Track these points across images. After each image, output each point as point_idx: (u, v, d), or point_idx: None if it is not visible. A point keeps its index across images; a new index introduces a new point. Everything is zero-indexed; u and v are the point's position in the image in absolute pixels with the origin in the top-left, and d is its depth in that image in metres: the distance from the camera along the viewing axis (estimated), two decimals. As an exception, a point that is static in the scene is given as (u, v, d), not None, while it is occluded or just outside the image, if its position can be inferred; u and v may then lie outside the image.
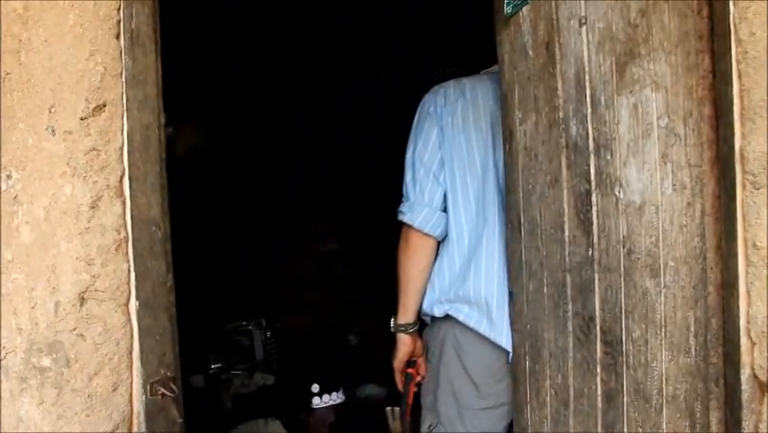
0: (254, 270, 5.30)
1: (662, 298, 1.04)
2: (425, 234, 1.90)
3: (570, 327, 1.38)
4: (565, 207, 1.36)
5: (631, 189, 1.10)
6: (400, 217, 1.93)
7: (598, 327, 1.25)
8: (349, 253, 5.22)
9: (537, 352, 1.56)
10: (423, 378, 2.04)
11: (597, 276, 1.24)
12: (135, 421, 1.16)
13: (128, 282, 1.16)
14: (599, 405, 1.27)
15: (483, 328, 1.83)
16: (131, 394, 1.16)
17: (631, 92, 1.07)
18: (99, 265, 1.15)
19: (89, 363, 1.15)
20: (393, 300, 1.99)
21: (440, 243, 1.94)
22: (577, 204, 1.30)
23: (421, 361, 2.03)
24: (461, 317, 1.85)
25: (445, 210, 1.91)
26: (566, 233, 1.36)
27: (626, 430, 1.17)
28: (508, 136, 1.65)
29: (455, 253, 1.91)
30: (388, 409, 2.12)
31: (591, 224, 1.25)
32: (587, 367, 1.31)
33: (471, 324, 1.84)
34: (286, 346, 4.22)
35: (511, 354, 1.78)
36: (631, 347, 1.13)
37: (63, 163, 1.16)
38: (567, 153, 1.33)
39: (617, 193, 1.14)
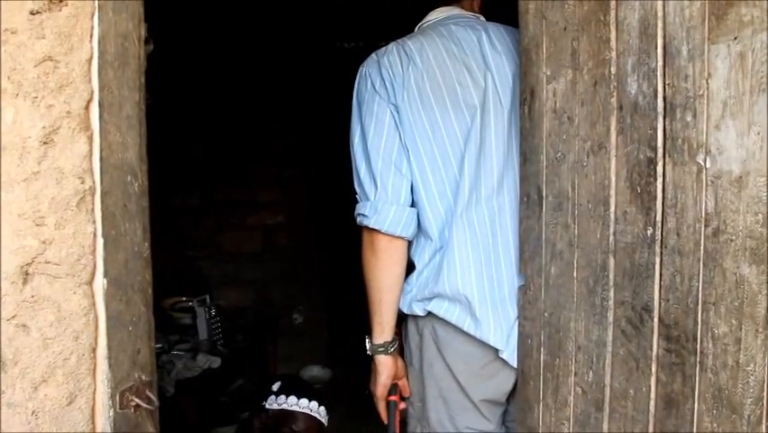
0: (194, 242, 4.99)
1: (769, 289, 0.85)
2: (396, 237, 1.62)
3: (610, 318, 1.19)
4: (612, 177, 1.16)
5: (725, 157, 0.90)
6: (362, 221, 1.64)
7: (656, 320, 1.07)
8: (294, 225, 4.97)
9: (558, 344, 1.37)
10: (406, 401, 1.78)
11: (658, 259, 1.05)
12: (98, 445, 0.86)
13: (93, 252, 0.86)
14: (652, 409, 1.09)
15: (467, 326, 1.59)
16: (93, 408, 0.86)
17: (735, 39, 0.87)
18: (52, 227, 0.85)
19: (34, 367, 0.85)
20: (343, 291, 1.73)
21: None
22: (632, 175, 1.11)
23: (403, 383, 1.76)
24: (440, 312, 1.60)
25: (413, 204, 1.64)
26: (612, 208, 1.17)
27: (695, 442, 0.99)
28: (529, 97, 1.45)
29: (426, 247, 1.66)
30: None
31: (654, 198, 1.05)
32: (635, 365, 1.13)
33: (453, 320, 1.59)
34: (230, 326, 3.95)
35: (500, 350, 1.58)
36: (710, 345, 0.94)
37: (2, 77, 0.84)
38: (619, 115, 1.14)
39: (701, 162, 0.95)
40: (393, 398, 1.74)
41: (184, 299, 3.98)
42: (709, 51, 0.92)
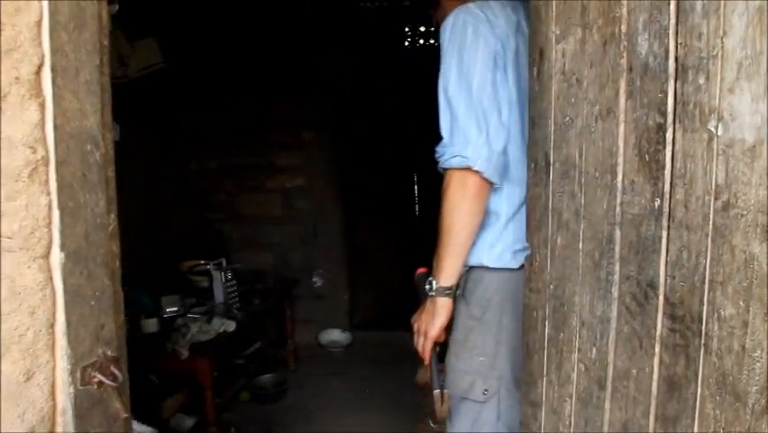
0: (213, 205, 4.98)
1: (781, 268, 0.78)
2: (487, 181, 1.64)
3: (615, 294, 1.12)
4: (620, 144, 1.09)
5: (738, 124, 0.83)
6: (462, 163, 1.63)
7: (661, 297, 1.00)
8: (313, 188, 4.93)
9: (563, 318, 1.31)
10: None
11: (665, 233, 0.98)
12: (59, 421, 0.83)
13: (49, 225, 0.82)
14: (654, 391, 1.03)
15: None
16: (53, 384, 0.83)
17: (753, -10, 0.79)
18: (3, 199, 0.80)
19: (-12, 344, 0.79)
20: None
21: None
22: (640, 142, 1.03)
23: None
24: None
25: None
26: (619, 177, 1.10)
27: (696, 428, 0.93)
28: (538, 58, 1.36)
29: (515, 195, 1.73)
30: (436, 392, 1.78)
31: (662, 167, 0.98)
32: (638, 344, 1.06)
33: None
34: (247, 290, 3.95)
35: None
36: (716, 328, 0.88)
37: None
38: (629, 78, 1.06)
39: (713, 129, 0.87)
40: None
41: (202, 262, 3.98)
42: (725, 7, 0.84)
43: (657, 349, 1.02)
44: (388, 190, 5.42)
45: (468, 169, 1.63)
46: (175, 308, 3.36)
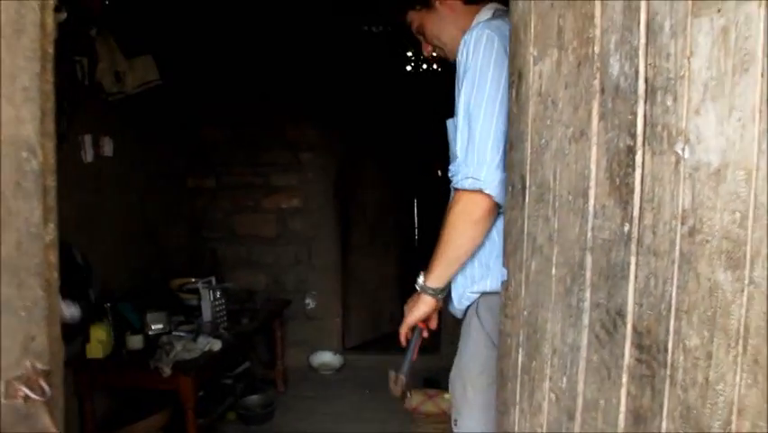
0: (208, 224, 4.96)
1: (744, 299, 0.74)
2: (496, 205, 1.64)
3: (585, 321, 1.09)
4: (592, 167, 1.06)
5: (704, 147, 0.80)
6: (474, 185, 1.63)
7: (629, 326, 0.96)
8: (309, 210, 4.91)
9: (535, 346, 1.27)
10: (429, 332, 1.93)
11: (633, 259, 0.95)
12: (-20, 436, 0.79)
13: None
14: (621, 424, 0.99)
15: None
16: None
17: (719, 11, 0.76)
18: None
19: None
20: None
21: None
22: (611, 165, 1.01)
23: (434, 314, 1.88)
24: None
25: None
26: (591, 201, 1.07)
27: (661, 465, 0.89)
28: (516, 80, 1.34)
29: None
30: (391, 372, 1.98)
31: (632, 191, 0.95)
32: (606, 374, 1.03)
33: None
34: (237, 309, 3.91)
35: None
36: (682, 358, 0.84)
37: None
38: (601, 99, 1.03)
39: (680, 151, 0.84)
40: (420, 324, 1.89)
41: (193, 280, 3.95)
42: (692, 26, 0.82)
43: (624, 380, 0.98)
44: (386, 215, 5.40)
45: (479, 192, 1.62)
46: (160, 326, 3.32)
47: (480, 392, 1.74)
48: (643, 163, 0.93)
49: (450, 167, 1.73)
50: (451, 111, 1.74)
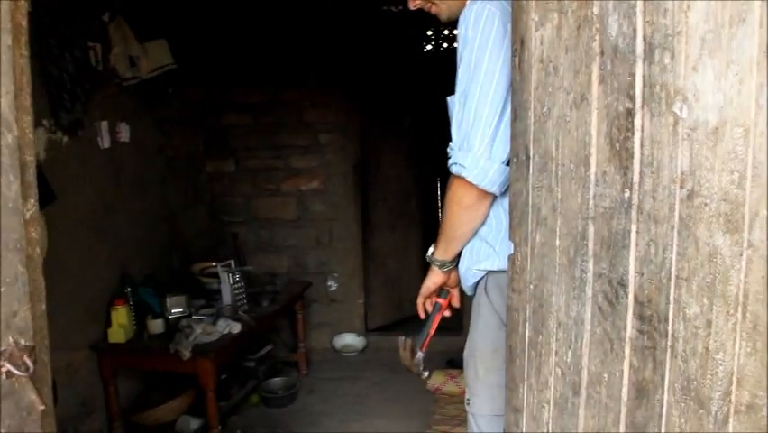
0: (229, 208, 4.97)
1: (743, 263, 0.71)
2: (489, 194, 1.62)
3: (589, 293, 1.06)
4: (593, 133, 1.02)
5: (701, 105, 0.76)
6: (459, 172, 1.61)
7: (630, 296, 0.93)
8: (329, 192, 4.89)
9: (541, 319, 1.24)
10: (453, 311, 1.95)
11: (634, 227, 0.91)
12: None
13: None
14: (624, 398, 0.96)
15: None
16: None
17: (715, -41, 0.72)
18: None
19: None
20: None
21: None
22: (611, 129, 0.97)
23: (455, 292, 1.90)
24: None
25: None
26: (592, 168, 1.03)
27: (664, 438, 0.86)
28: (519, 47, 1.30)
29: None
30: (401, 338, 2.02)
31: (631, 156, 0.91)
32: (609, 347, 0.99)
33: None
34: (258, 292, 3.92)
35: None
36: (682, 328, 0.81)
37: None
38: (601, 62, 0.99)
39: (678, 111, 0.80)
40: (439, 300, 1.91)
41: (213, 264, 3.96)
42: (689, -22, 0.77)
43: (627, 352, 0.95)
44: (408, 195, 5.36)
45: (464, 178, 1.60)
46: (180, 309, 3.34)
47: (492, 372, 1.71)
48: (642, 126, 0.89)
49: (448, 148, 1.69)
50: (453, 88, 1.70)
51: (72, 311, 3.08)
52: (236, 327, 3.27)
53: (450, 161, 1.65)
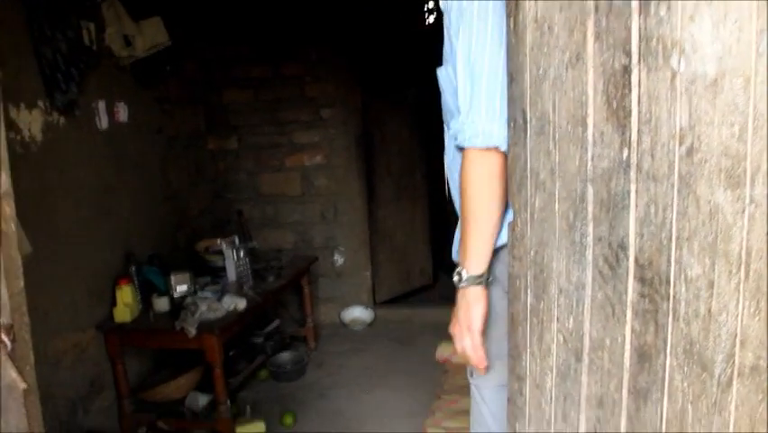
0: (233, 185, 4.96)
1: (745, 220, 0.68)
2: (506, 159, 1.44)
3: (589, 257, 1.03)
4: (589, 92, 0.99)
5: (699, 56, 0.73)
6: (481, 142, 1.45)
7: (631, 259, 0.90)
8: (332, 166, 4.86)
9: (543, 286, 1.21)
10: None
11: (633, 187, 0.88)
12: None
13: None
14: (627, 363, 0.94)
15: None
16: None
17: None
18: None
19: None
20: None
21: None
22: (608, 87, 0.93)
23: None
24: None
25: None
26: (589, 129, 1.00)
27: (666, 403, 0.84)
28: (513, 8, 1.26)
29: None
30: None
31: (629, 114, 0.88)
32: (611, 311, 0.97)
33: None
34: (263, 268, 3.91)
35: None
36: (684, 290, 0.78)
37: None
38: (595, 18, 0.95)
39: (675, 65, 0.77)
40: None
41: (218, 241, 3.95)
42: None
43: (628, 316, 0.92)
44: (413, 167, 5.33)
45: (495, 150, 1.45)
46: (185, 287, 3.34)
47: (495, 342, 1.68)
48: (639, 82, 0.85)
49: (451, 123, 1.56)
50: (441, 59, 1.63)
51: (77, 292, 3.09)
52: (242, 304, 3.26)
53: (465, 136, 1.49)
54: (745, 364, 0.70)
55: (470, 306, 1.58)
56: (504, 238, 1.60)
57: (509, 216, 1.37)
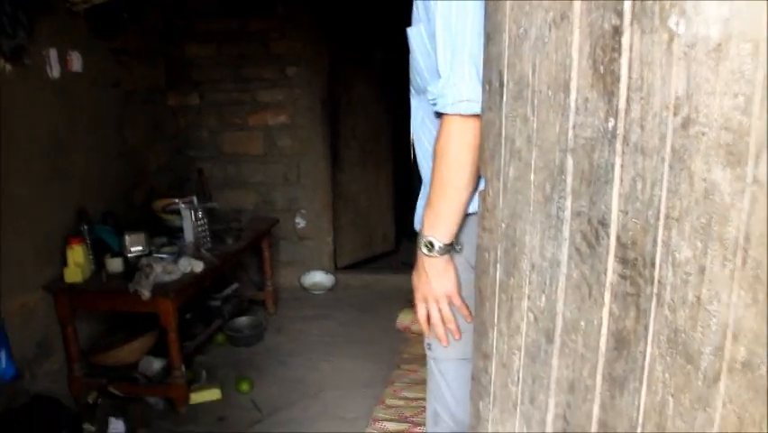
0: (194, 143, 4.81)
1: (745, 202, 0.61)
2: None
3: (565, 233, 0.96)
4: (574, 55, 0.91)
5: (703, 18, 0.65)
6: (465, 108, 1.37)
7: (612, 237, 0.84)
8: (297, 126, 4.73)
9: (513, 261, 1.15)
10: None
11: (619, 160, 0.81)
12: None
13: None
14: (603, 348, 0.88)
15: None
16: None
17: None
18: None
19: None
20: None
21: None
22: (595, 51, 0.86)
23: None
24: None
25: None
26: (572, 95, 0.92)
27: (644, 394, 0.78)
28: (493, -39, 1.17)
29: None
30: None
31: (617, 79, 0.81)
32: (587, 292, 0.91)
33: None
34: (223, 229, 3.80)
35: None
36: (670, 274, 0.72)
37: None
38: (585, -28, 0.87)
39: (674, 26, 0.69)
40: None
41: (176, 201, 3.82)
42: None
43: (607, 298, 0.86)
44: (379, 132, 5.22)
45: (478, 117, 1.35)
46: (140, 248, 3.22)
47: (457, 316, 1.62)
48: (630, 46, 0.78)
49: (429, 87, 1.45)
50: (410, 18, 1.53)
51: (25, 251, 2.95)
52: (198, 266, 3.16)
53: (445, 101, 1.40)
54: (736, 359, 0.63)
55: (441, 275, 1.52)
56: (474, 206, 1.53)
57: (481, 185, 1.30)
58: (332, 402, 3.25)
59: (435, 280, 1.53)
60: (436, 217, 1.48)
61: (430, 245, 1.49)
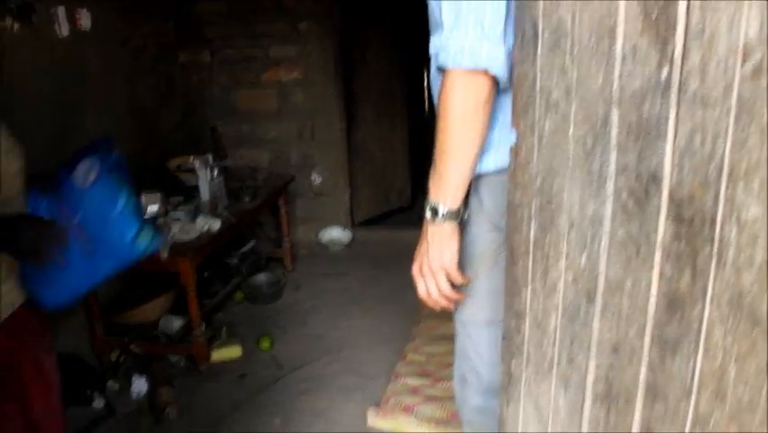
0: (207, 100, 4.75)
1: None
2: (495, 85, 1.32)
3: (610, 189, 0.92)
4: (620, 0, 0.85)
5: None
6: (469, 63, 1.28)
7: (665, 194, 0.79)
8: (310, 83, 4.65)
9: (550, 218, 1.10)
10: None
11: (673, 112, 0.76)
12: None
13: None
14: (651, 310, 0.84)
15: None
16: None
17: None
18: None
19: None
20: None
21: None
22: (646, -7, 0.80)
23: None
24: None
25: None
26: (618, 43, 0.86)
27: (701, 358, 0.74)
28: None
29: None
30: None
31: (673, 25, 0.75)
32: (634, 252, 0.86)
33: None
34: (239, 187, 3.77)
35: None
36: (734, 233, 0.67)
37: None
38: None
39: (743, -39, 0.63)
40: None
41: (191, 159, 3.79)
42: None
43: (657, 258, 0.82)
44: (393, 86, 5.14)
45: (483, 73, 1.29)
46: (156, 207, 3.19)
47: (482, 276, 1.57)
48: (690, -14, 0.72)
49: (432, 39, 1.39)
50: None
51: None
52: (216, 224, 3.14)
53: (447, 54, 1.32)
54: (813, 324, 0.60)
55: (445, 243, 1.45)
56: (488, 164, 1.47)
57: (513, 138, 1.24)
58: (353, 359, 3.26)
59: (435, 250, 1.45)
60: (440, 180, 1.41)
61: (434, 211, 1.43)
